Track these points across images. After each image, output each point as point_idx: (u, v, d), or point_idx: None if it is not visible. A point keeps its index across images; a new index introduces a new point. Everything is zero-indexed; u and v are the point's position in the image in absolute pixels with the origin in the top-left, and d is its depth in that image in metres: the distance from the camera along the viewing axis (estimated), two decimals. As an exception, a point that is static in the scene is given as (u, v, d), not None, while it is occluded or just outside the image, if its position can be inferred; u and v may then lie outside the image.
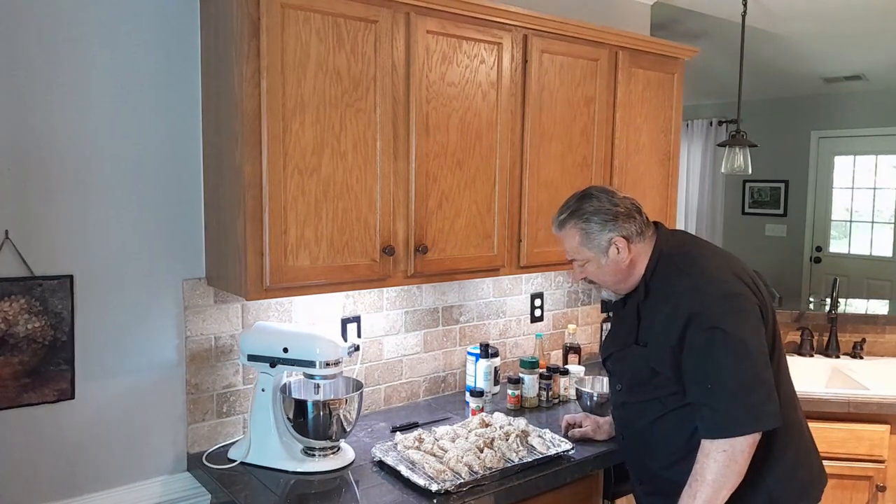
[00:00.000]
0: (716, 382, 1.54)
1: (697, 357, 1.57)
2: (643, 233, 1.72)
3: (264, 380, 1.94)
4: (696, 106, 7.16)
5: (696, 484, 1.56)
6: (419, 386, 2.51)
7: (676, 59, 2.72)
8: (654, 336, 1.66)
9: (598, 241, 1.70)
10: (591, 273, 1.75)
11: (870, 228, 6.33)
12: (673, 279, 1.66)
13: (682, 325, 1.58)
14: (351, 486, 1.83)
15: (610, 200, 1.71)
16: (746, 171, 4.27)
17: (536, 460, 1.94)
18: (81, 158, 1.80)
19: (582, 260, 1.75)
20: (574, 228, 1.72)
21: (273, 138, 1.75)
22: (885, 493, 2.48)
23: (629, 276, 1.73)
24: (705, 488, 1.54)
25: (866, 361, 2.94)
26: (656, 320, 1.66)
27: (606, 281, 1.75)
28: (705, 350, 1.55)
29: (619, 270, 1.72)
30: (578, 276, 1.80)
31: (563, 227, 1.75)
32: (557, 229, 1.78)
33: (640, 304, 1.72)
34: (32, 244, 1.75)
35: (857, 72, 5.77)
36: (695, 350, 1.57)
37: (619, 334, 1.81)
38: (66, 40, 1.76)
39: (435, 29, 2.01)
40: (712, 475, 1.54)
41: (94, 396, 1.86)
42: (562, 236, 1.77)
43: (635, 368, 1.71)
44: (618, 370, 1.80)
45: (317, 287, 1.89)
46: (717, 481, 1.54)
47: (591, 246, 1.71)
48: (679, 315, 1.59)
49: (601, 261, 1.71)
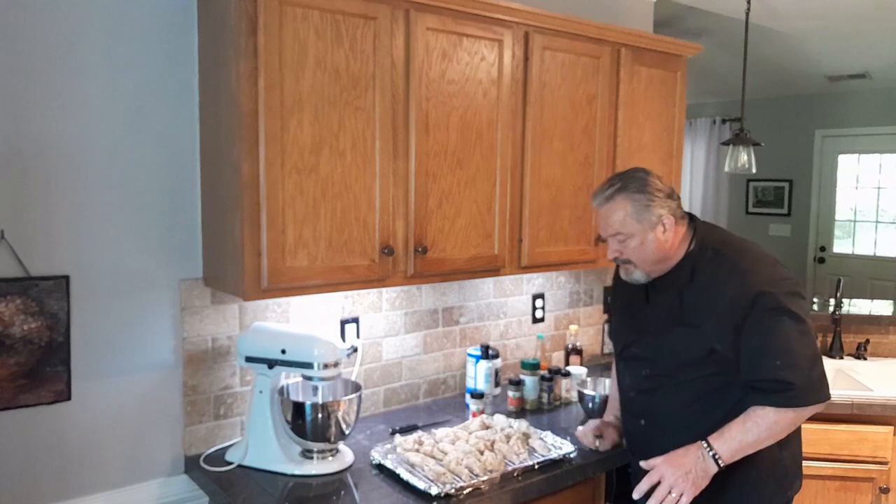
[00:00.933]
0: (786, 358, 1.60)
1: (764, 336, 1.62)
2: (683, 217, 1.76)
3: (262, 381, 1.92)
4: (699, 104, 7.13)
5: (751, 423, 1.63)
6: (419, 388, 2.49)
7: (679, 57, 2.69)
8: (713, 316, 1.66)
9: (648, 215, 1.69)
10: (632, 250, 1.72)
11: (874, 228, 6.30)
12: (728, 262, 1.69)
13: (747, 304, 1.62)
14: (350, 489, 1.81)
15: (659, 179, 1.74)
16: (750, 170, 4.25)
17: (538, 463, 1.92)
18: (78, 158, 1.78)
19: (625, 235, 1.71)
20: (626, 200, 1.70)
21: (271, 137, 1.73)
22: (889, 495, 2.46)
23: (668, 256, 1.74)
24: (758, 431, 1.63)
25: (870, 362, 2.92)
26: (714, 301, 1.67)
27: (646, 259, 1.73)
28: (774, 329, 1.61)
29: (662, 249, 1.72)
30: (614, 254, 1.76)
31: (613, 199, 1.71)
32: (604, 202, 1.73)
33: (682, 287, 1.73)
34: (28, 244, 1.73)
35: (862, 70, 5.74)
36: (762, 329, 1.62)
37: (651, 319, 1.79)
38: (63, 39, 1.74)
39: (435, 26, 1.99)
40: (768, 429, 1.63)
41: (90, 398, 1.84)
42: (607, 210, 1.73)
43: (686, 349, 1.71)
44: (653, 353, 1.79)
45: (315, 287, 1.87)
46: (771, 435, 1.64)
47: (640, 219, 1.69)
48: (744, 295, 1.63)
49: (647, 236, 1.70)
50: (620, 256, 1.76)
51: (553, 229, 2.37)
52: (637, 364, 1.84)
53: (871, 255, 6.30)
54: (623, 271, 1.80)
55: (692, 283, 1.72)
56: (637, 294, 1.85)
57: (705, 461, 1.64)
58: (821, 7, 4.30)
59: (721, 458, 1.63)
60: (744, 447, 1.64)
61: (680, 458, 1.66)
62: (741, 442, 1.63)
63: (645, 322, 1.81)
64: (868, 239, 6.33)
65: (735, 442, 1.63)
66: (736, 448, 1.64)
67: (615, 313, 2.01)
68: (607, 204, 1.73)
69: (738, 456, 1.65)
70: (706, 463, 1.64)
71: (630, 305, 1.88)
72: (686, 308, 1.72)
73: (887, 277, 6.15)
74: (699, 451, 1.65)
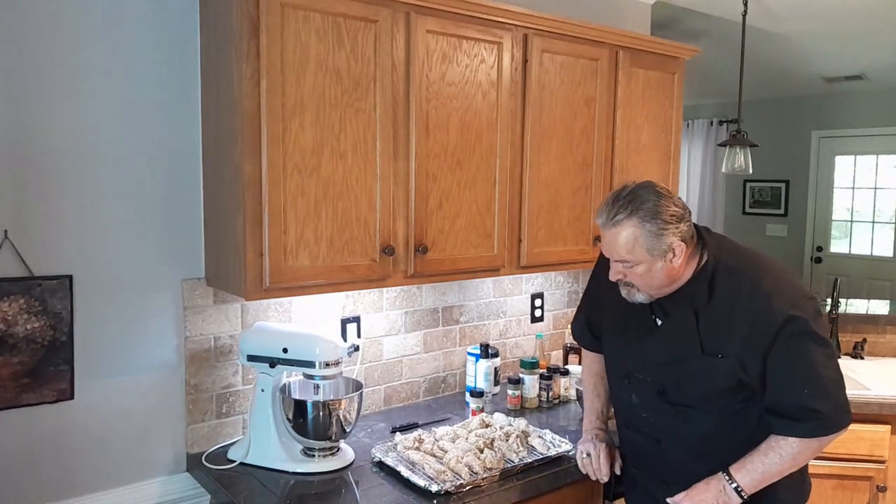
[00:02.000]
0: (814, 386, 1.52)
1: (792, 362, 1.53)
2: (692, 237, 1.61)
3: (264, 380, 1.93)
4: (696, 106, 7.15)
5: (773, 454, 1.57)
6: (419, 386, 2.51)
7: (677, 59, 2.71)
8: (737, 343, 1.55)
9: (658, 244, 1.54)
10: (639, 275, 1.58)
11: (870, 228, 6.32)
12: (747, 282, 1.57)
13: (775, 330, 1.52)
14: (351, 487, 1.83)
15: (671, 200, 1.57)
16: (747, 170, 4.26)
17: (537, 461, 1.93)
18: (81, 158, 1.80)
19: (633, 262, 1.57)
20: (634, 227, 1.54)
21: (272, 138, 1.74)
22: (886, 494, 2.47)
23: (675, 280, 1.60)
24: (780, 461, 1.57)
25: (867, 361, 2.94)
26: (736, 326, 1.55)
27: (652, 285, 1.60)
28: (802, 355, 1.52)
29: (670, 275, 1.58)
30: (617, 276, 1.62)
31: (621, 224, 1.55)
32: (610, 225, 1.56)
33: (697, 309, 1.61)
34: (32, 244, 1.74)
35: (858, 71, 5.76)
36: (790, 355, 1.52)
37: (664, 346, 1.66)
38: (65, 40, 1.75)
39: (435, 28, 2.01)
40: (791, 458, 1.57)
41: (93, 397, 1.86)
42: (613, 234, 1.57)
43: (713, 381, 1.59)
44: (671, 382, 1.66)
45: (316, 287, 1.88)
46: (794, 464, 1.59)
47: (650, 248, 1.54)
48: (770, 321, 1.52)
49: (656, 265, 1.56)
50: (623, 279, 1.63)
51: (552, 229, 2.38)
52: (648, 386, 1.70)
53: (867, 255, 6.32)
54: (625, 292, 1.65)
55: (709, 305, 1.59)
56: (642, 314, 1.70)
57: (727, 494, 1.59)
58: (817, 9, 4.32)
59: (743, 490, 1.58)
60: (766, 478, 1.58)
61: (701, 494, 1.61)
62: (763, 473, 1.58)
63: (656, 349, 1.67)
64: (865, 239, 6.35)
65: (757, 473, 1.58)
66: (758, 479, 1.58)
67: (608, 324, 1.85)
68: (614, 228, 1.56)
69: (760, 486, 1.59)
70: (728, 496, 1.59)
71: (635, 327, 1.72)
72: (705, 334, 1.59)
73: (884, 277, 6.17)
74: (720, 483, 1.60)
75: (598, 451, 1.85)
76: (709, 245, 1.63)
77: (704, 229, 1.68)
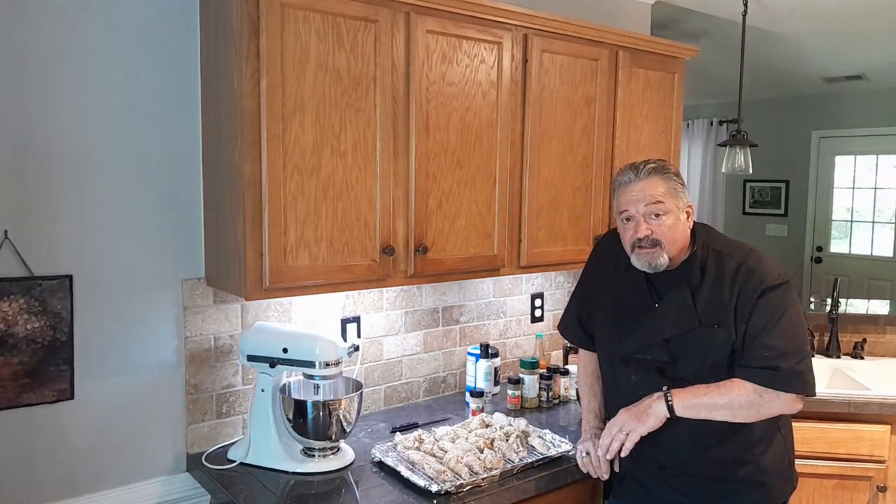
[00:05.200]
0: (779, 346, 1.64)
1: (764, 324, 1.65)
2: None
3: (264, 380, 1.93)
4: (696, 106, 7.15)
5: (718, 389, 1.66)
6: (419, 386, 2.51)
7: (677, 59, 2.71)
8: (727, 314, 1.69)
9: (680, 198, 1.72)
10: (667, 228, 1.69)
11: (870, 228, 6.33)
12: (733, 261, 1.72)
13: (755, 297, 1.66)
14: (351, 487, 1.83)
15: None
16: (747, 170, 4.26)
17: (537, 461, 1.93)
18: (81, 158, 1.80)
19: (665, 209, 1.69)
20: (667, 178, 1.72)
21: (273, 138, 1.75)
22: (886, 494, 2.47)
23: (682, 247, 1.74)
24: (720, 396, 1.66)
25: (867, 361, 2.94)
26: (725, 299, 1.69)
27: (675, 242, 1.71)
28: (773, 318, 1.65)
29: (684, 236, 1.73)
30: (646, 232, 1.70)
31: (656, 173, 1.71)
32: (644, 175, 1.71)
33: (693, 286, 1.73)
34: (32, 244, 1.75)
35: (858, 71, 5.76)
36: (763, 317, 1.66)
37: (665, 322, 1.74)
38: (65, 40, 1.75)
39: (435, 28, 2.01)
40: (729, 398, 1.65)
41: (93, 397, 1.86)
42: (649, 182, 1.70)
43: (710, 350, 1.71)
44: (671, 356, 1.74)
45: (316, 287, 1.88)
46: (730, 405, 1.66)
47: (676, 199, 1.71)
48: (752, 290, 1.67)
49: (680, 217, 1.72)
50: (651, 235, 1.70)
51: (552, 229, 2.38)
52: (647, 364, 1.78)
53: (867, 255, 6.32)
54: (646, 257, 1.71)
55: (702, 284, 1.73)
56: (639, 296, 1.79)
57: (657, 403, 1.68)
58: (817, 9, 4.32)
59: (672, 403, 1.67)
60: (699, 406, 1.66)
61: (635, 405, 1.72)
62: (699, 401, 1.66)
63: (656, 327, 1.75)
64: (865, 239, 6.36)
65: (693, 397, 1.67)
66: (691, 403, 1.66)
67: (603, 314, 1.90)
68: (650, 177, 1.71)
69: (691, 412, 1.66)
70: (657, 404, 1.68)
71: (633, 309, 1.80)
72: (701, 308, 1.71)
73: (884, 277, 6.17)
74: (656, 394, 1.70)
75: (596, 450, 1.85)
76: (698, 233, 1.79)
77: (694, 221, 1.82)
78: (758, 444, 1.74)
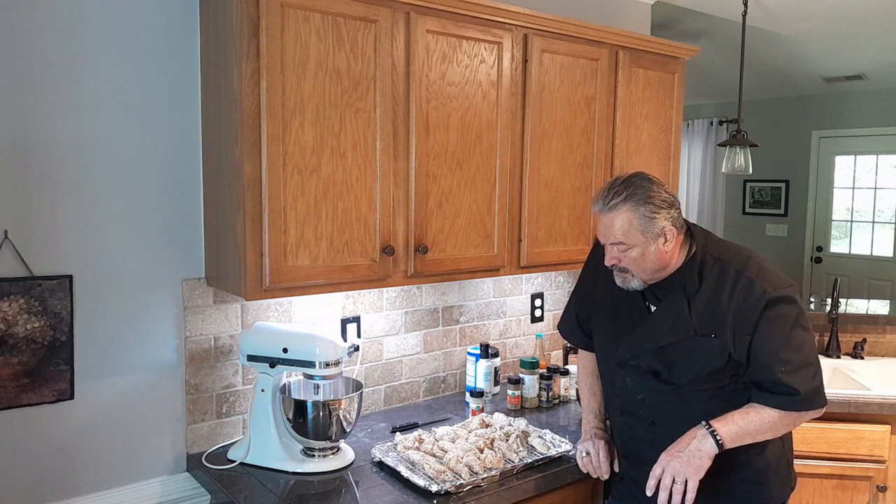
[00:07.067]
0: (792, 365, 1.62)
1: (772, 342, 1.63)
2: (682, 225, 1.73)
3: (264, 380, 1.93)
4: (696, 105, 7.16)
5: (753, 415, 1.65)
6: (419, 386, 2.51)
7: (677, 59, 2.71)
8: (726, 324, 1.66)
9: (651, 227, 1.65)
10: (632, 259, 1.67)
11: (870, 228, 6.33)
12: (733, 270, 1.69)
13: (759, 311, 1.63)
14: (351, 487, 1.83)
15: (662, 187, 1.70)
16: (747, 170, 4.26)
17: (537, 461, 1.93)
18: (81, 158, 1.80)
19: (628, 245, 1.66)
20: (629, 212, 1.65)
21: (272, 138, 1.75)
22: (886, 494, 2.47)
23: (667, 265, 1.70)
24: (760, 423, 1.65)
25: (867, 362, 2.94)
26: (724, 309, 1.66)
27: (645, 269, 1.69)
28: (781, 336, 1.63)
29: (662, 259, 1.68)
30: (612, 261, 1.71)
31: (616, 208, 1.66)
32: (606, 210, 1.68)
33: (689, 294, 1.70)
34: (32, 244, 1.75)
35: (858, 71, 5.76)
36: (771, 335, 1.63)
37: (658, 329, 1.73)
38: (65, 40, 1.75)
39: (435, 28, 2.01)
40: (769, 424, 1.65)
41: (93, 397, 1.86)
42: (609, 218, 1.67)
43: (706, 359, 1.68)
44: (666, 364, 1.73)
45: (316, 287, 1.88)
46: (771, 430, 1.66)
47: (644, 231, 1.65)
48: (754, 302, 1.64)
49: (649, 248, 1.66)
50: (618, 264, 1.71)
51: (552, 229, 2.38)
52: (642, 370, 1.77)
53: (867, 255, 6.32)
54: (620, 279, 1.74)
55: (699, 292, 1.69)
56: (634, 301, 1.79)
57: (703, 440, 1.63)
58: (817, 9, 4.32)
59: (721, 438, 1.62)
60: (744, 434, 1.64)
61: (677, 446, 1.66)
62: (743, 429, 1.64)
63: (650, 335, 1.74)
64: (865, 239, 6.36)
65: (736, 426, 1.63)
66: (736, 432, 1.63)
67: (600, 317, 1.90)
68: (610, 213, 1.67)
69: (738, 442, 1.64)
70: (703, 442, 1.63)
71: (628, 315, 1.80)
72: (697, 316, 1.69)
73: (884, 277, 6.17)
74: (698, 431, 1.64)
75: (598, 449, 1.87)
76: (697, 238, 1.75)
77: (692, 224, 1.78)
78: (756, 446, 1.73)
